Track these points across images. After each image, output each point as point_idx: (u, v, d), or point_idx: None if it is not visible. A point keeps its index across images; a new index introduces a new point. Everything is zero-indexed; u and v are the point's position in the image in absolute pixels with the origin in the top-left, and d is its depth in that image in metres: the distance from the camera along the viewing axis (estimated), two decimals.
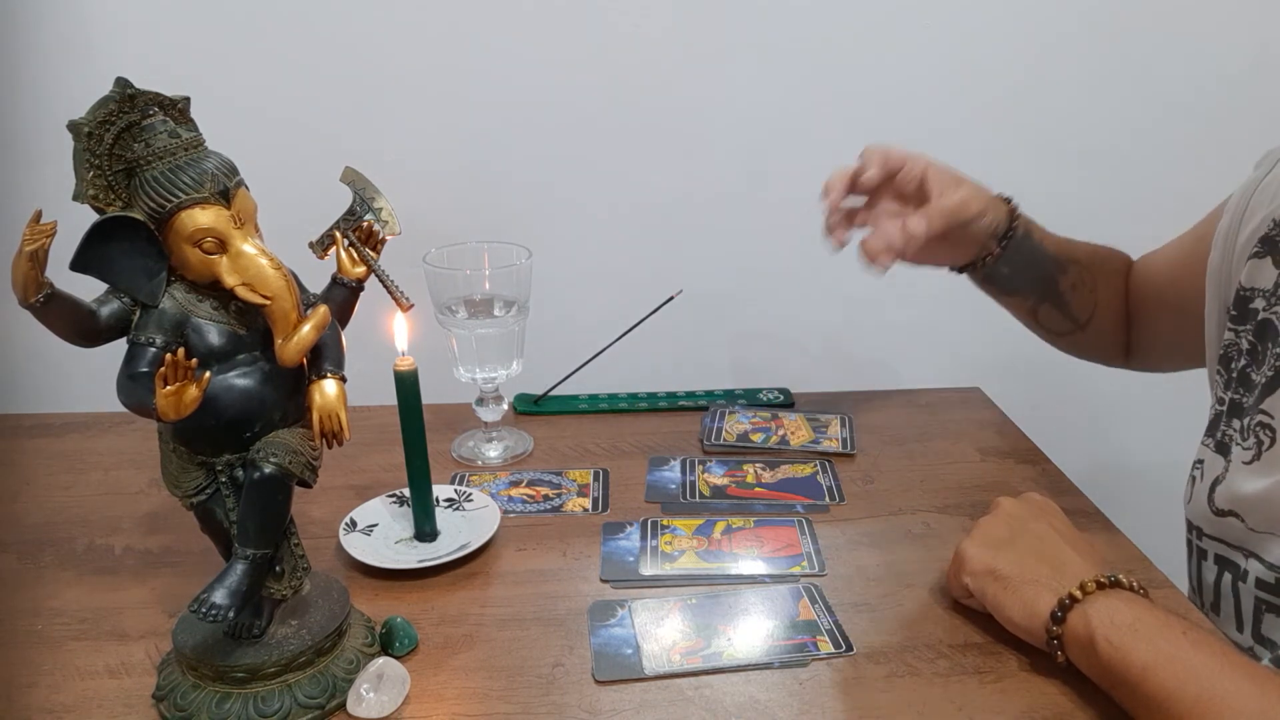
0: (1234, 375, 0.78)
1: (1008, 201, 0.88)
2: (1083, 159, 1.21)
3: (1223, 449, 0.77)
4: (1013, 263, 0.89)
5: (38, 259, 0.50)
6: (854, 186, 0.83)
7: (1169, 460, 1.26)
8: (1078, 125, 1.19)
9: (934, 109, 1.17)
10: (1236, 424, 0.76)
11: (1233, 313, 0.79)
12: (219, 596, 0.56)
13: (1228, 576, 0.76)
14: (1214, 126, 1.19)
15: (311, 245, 0.65)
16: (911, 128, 1.18)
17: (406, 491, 0.79)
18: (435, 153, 1.14)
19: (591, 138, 1.15)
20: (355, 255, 0.64)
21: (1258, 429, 0.74)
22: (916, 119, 1.18)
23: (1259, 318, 0.77)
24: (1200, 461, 0.80)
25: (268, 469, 0.57)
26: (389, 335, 0.74)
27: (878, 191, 0.85)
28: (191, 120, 0.57)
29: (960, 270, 0.91)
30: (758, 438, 0.98)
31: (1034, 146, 1.20)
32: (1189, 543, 0.82)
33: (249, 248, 0.55)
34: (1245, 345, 0.77)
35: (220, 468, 0.59)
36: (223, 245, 0.55)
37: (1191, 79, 1.18)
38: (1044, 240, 0.91)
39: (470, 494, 0.84)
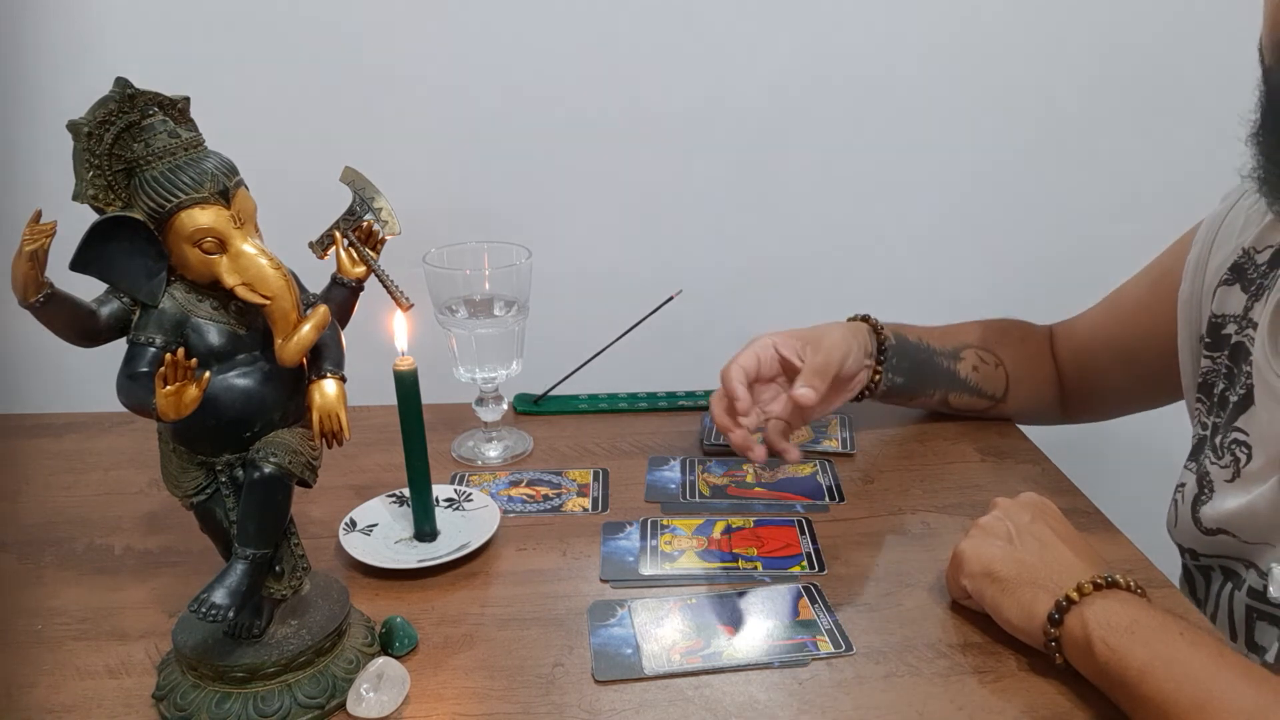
0: (1215, 400, 0.80)
1: (866, 319, 0.92)
2: (1082, 157, 1.21)
3: (1203, 471, 0.79)
4: (902, 370, 0.93)
5: (38, 259, 0.50)
6: (736, 412, 0.85)
7: (1169, 461, 1.26)
8: (1079, 124, 1.19)
9: (933, 108, 1.18)
10: (1217, 442, 0.78)
11: (1207, 340, 0.81)
12: (219, 596, 0.56)
13: (1229, 586, 0.77)
14: (1215, 124, 1.19)
15: (311, 245, 0.65)
16: (911, 127, 1.18)
17: (406, 491, 0.79)
18: (435, 153, 1.14)
19: (591, 138, 1.15)
20: (355, 255, 0.64)
21: (1233, 446, 0.75)
22: (916, 118, 1.18)
23: (1232, 341, 0.79)
24: (1181, 485, 0.82)
25: (268, 469, 0.57)
26: (389, 335, 0.74)
27: (754, 391, 0.87)
28: (191, 120, 0.57)
29: (858, 399, 0.93)
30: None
31: (1034, 145, 1.20)
32: (1184, 566, 0.83)
33: (249, 247, 0.55)
34: (1224, 370, 0.79)
35: (220, 468, 0.59)
36: (222, 245, 0.55)
37: (1193, 76, 1.18)
38: (925, 338, 0.95)
39: (470, 494, 0.84)
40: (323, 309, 0.58)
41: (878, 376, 0.92)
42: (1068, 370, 0.99)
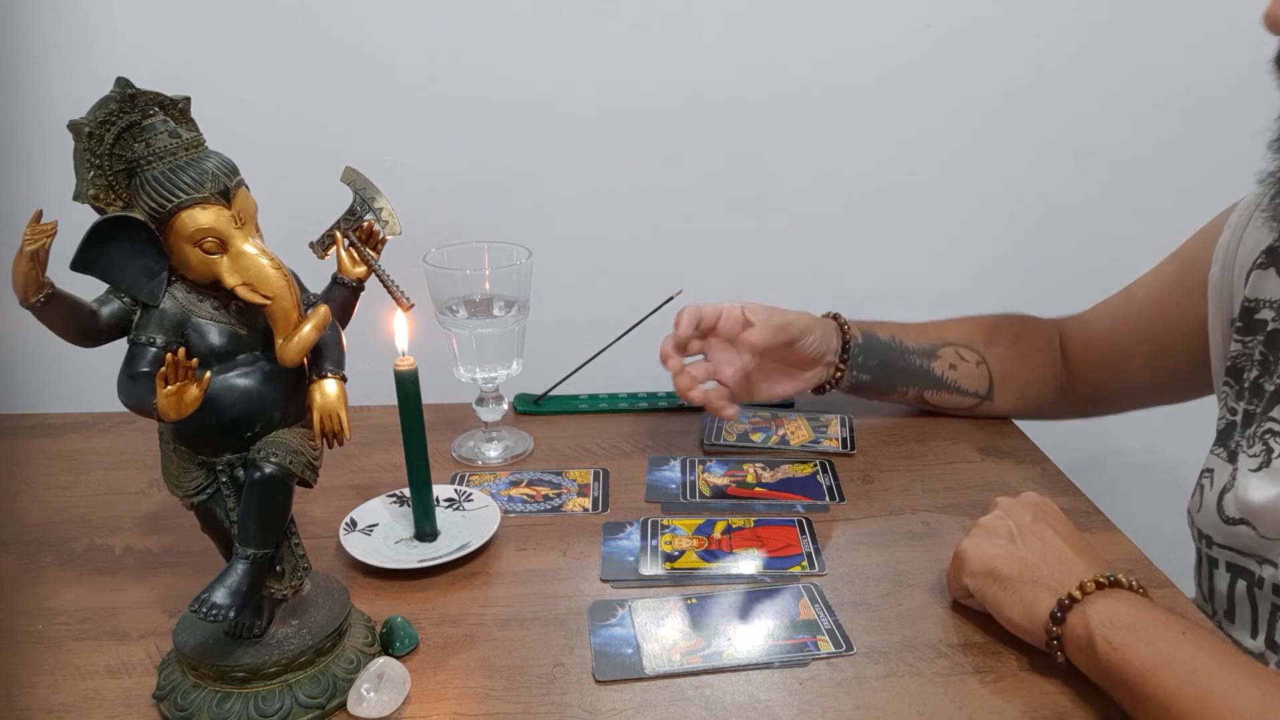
0: (1245, 386, 0.79)
1: (836, 318, 0.94)
2: (1082, 156, 1.21)
3: (1233, 457, 0.77)
4: (869, 369, 0.94)
5: (38, 259, 0.50)
6: (684, 349, 0.89)
7: (1169, 460, 1.26)
8: (1078, 123, 1.19)
9: (934, 107, 1.17)
10: (1247, 432, 0.77)
11: (1238, 324, 0.80)
12: (219, 596, 0.56)
13: (1242, 584, 0.76)
14: (1214, 123, 1.19)
15: (312, 245, 0.65)
16: (912, 126, 1.18)
17: (406, 491, 0.79)
18: (435, 152, 1.14)
19: (592, 137, 1.15)
20: (355, 255, 0.64)
21: (1266, 436, 0.74)
22: (917, 117, 1.18)
23: (1268, 329, 0.77)
24: (1209, 470, 0.80)
25: (268, 469, 0.57)
26: (389, 335, 0.74)
27: (710, 345, 0.92)
28: (192, 120, 0.57)
29: (820, 391, 0.96)
30: (758, 437, 0.98)
31: (1033, 144, 1.20)
32: (1198, 551, 0.82)
33: (249, 247, 0.55)
34: (1257, 356, 0.77)
35: (221, 468, 0.59)
36: (223, 245, 0.55)
37: (1192, 75, 1.18)
38: (899, 335, 0.96)
39: (470, 494, 0.84)
40: (323, 309, 0.58)
41: (839, 373, 0.93)
42: (1082, 363, 0.98)
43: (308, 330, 0.57)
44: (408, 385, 0.75)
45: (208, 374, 0.55)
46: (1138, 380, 0.95)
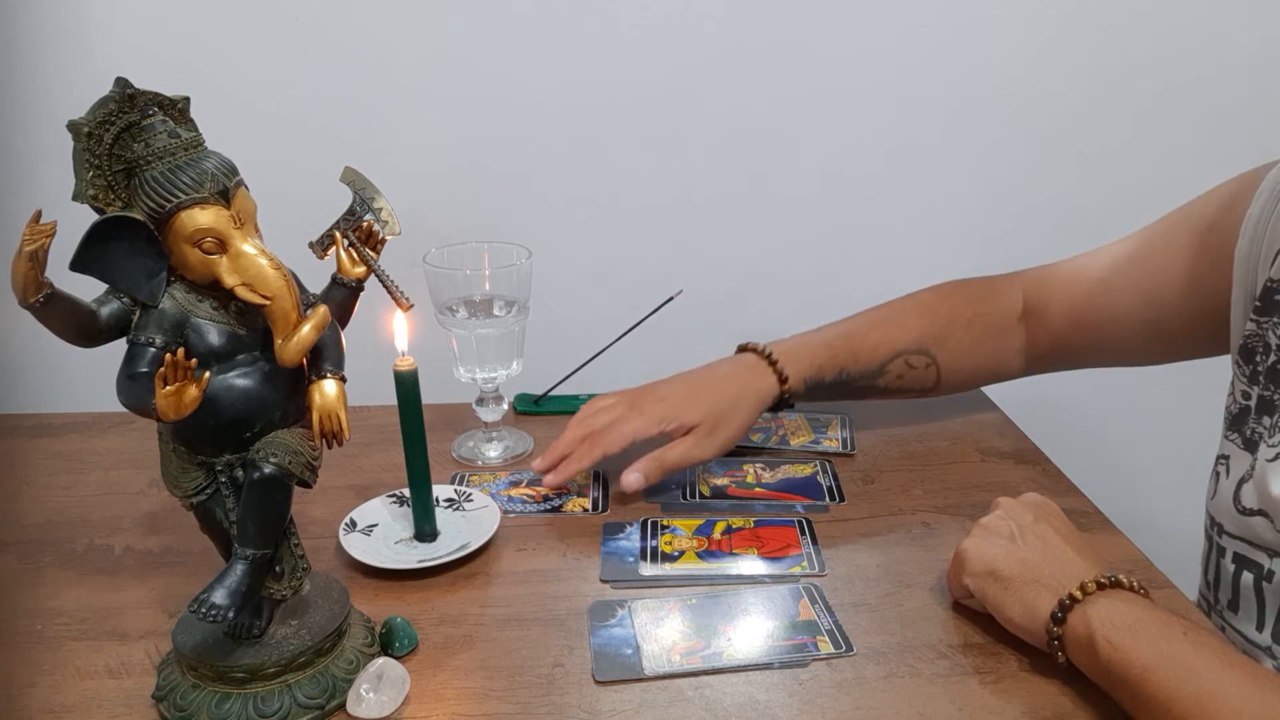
0: (1261, 370, 0.76)
1: (780, 379, 0.89)
2: (1082, 156, 1.21)
3: (1251, 446, 0.75)
4: (808, 400, 0.92)
5: (38, 259, 0.50)
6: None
7: (1169, 460, 1.26)
8: (1078, 123, 1.20)
9: (934, 107, 1.18)
10: (1267, 421, 0.75)
11: (1257, 304, 0.77)
12: (219, 596, 0.56)
13: (1248, 575, 0.75)
14: (1214, 122, 1.20)
15: (311, 245, 0.65)
16: (912, 126, 1.18)
17: (406, 491, 0.79)
18: (435, 152, 1.14)
19: (592, 137, 1.15)
20: (355, 255, 0.64)
21: None
22: (917, 118, 1.18)
23: None
24: (1225, 457, 0.78)
25: (267, 469, 0.57)
26: (389, 335, 0.74)
27: None
28: (191, 120, 0.57)
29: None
30: (758, 438, 0.98)
31: (1034, 144, 1.20)
32: (1208, 537, 0.81)
33: (249, 248, 0.55)
34: (1275, 341, 0.76)
35: (220, 468, 0.59)
36: (222, 245, 0.55)
37: (1191, 74, 1.18)
38: (848, 367, 0.92)
39: (470, 494, 0.84)
40: (323, 309, 0.58)
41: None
42: (1056, 322, 0.93)
43: (307, 330, 0.57)
44: (408, 385, 0.75)
45: (207, 374, 0.55)
46: (1126, 344, 0.90)
